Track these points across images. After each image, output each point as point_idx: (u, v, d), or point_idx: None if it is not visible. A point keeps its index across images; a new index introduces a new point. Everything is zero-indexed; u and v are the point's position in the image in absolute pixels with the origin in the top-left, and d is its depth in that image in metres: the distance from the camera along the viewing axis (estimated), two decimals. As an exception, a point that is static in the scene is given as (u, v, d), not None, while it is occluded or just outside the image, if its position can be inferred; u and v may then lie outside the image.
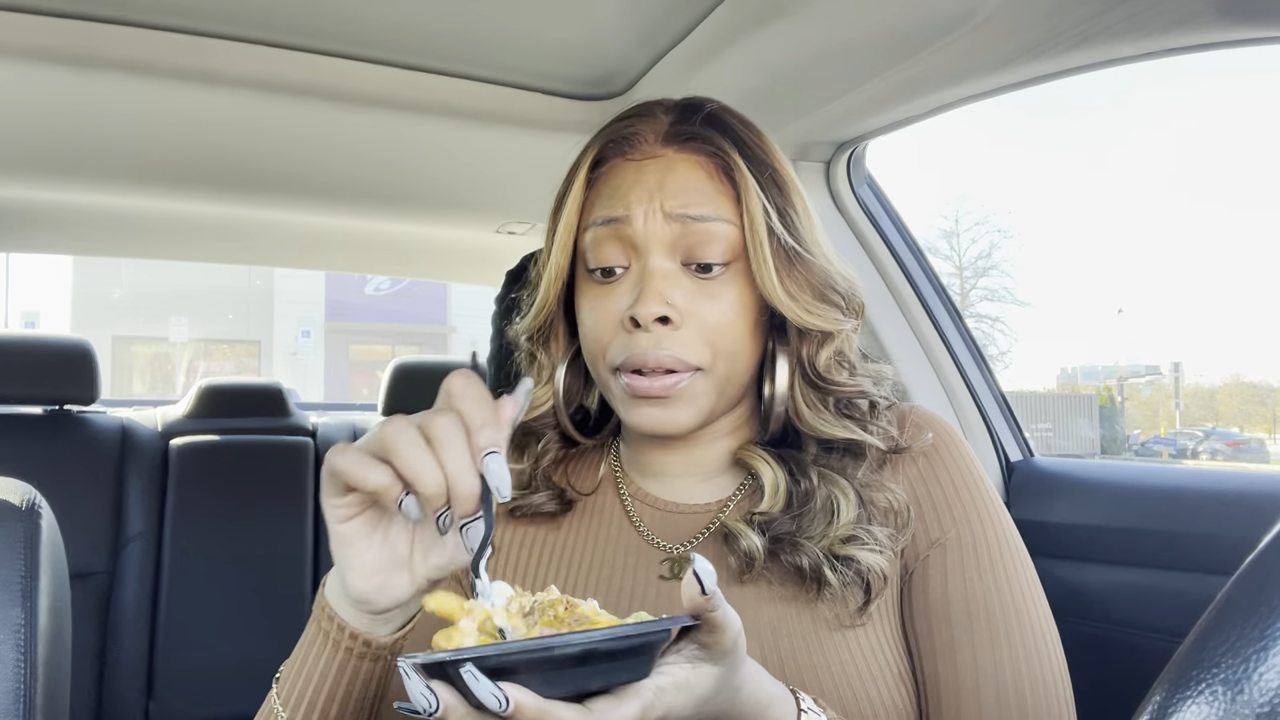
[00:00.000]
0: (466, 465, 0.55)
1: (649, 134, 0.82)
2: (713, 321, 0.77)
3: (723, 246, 0.77)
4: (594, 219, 0.80)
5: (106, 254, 2.55)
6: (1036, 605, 0.78)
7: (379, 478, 0.56)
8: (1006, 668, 0.73)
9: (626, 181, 0.80)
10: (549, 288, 0.84)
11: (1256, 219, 36.06)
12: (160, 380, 19.24)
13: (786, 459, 0.81)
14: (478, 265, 2.49)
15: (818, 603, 0.76)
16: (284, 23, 1.22)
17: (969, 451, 0.85)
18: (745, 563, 0.76)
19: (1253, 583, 0.31)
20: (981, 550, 0.78)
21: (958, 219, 26.49)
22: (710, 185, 0.79)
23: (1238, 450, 18.86)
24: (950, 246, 22.89)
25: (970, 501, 0.81)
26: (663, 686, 0.53)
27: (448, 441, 0.56)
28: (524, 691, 0.49)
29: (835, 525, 0.75)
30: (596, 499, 0.88)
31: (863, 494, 0.78)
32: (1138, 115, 36.20)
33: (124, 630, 2.11)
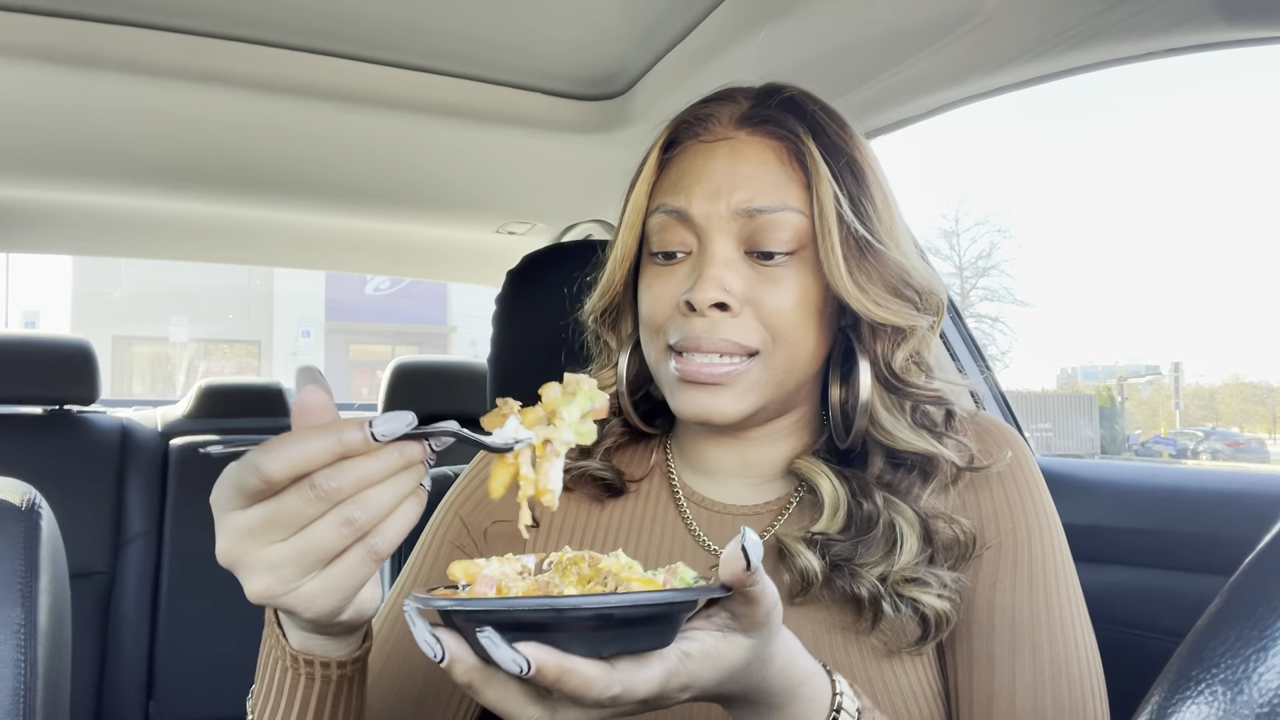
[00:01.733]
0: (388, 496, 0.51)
1: (723, 116, 0.79)
2: (771, 307, 0.74)
3: (788, 235, 0.74)
4: (660, 205, 0.79)
5: (106, 254, 2.55)
6: (1077, 620, 0.75)
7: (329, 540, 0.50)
8: (1044, 681, 0.71)
9: (695, 166, 0.78)
10: (615, 268, 0.82)
11: (1257, 219, 36.09)
12: (160, 380, 19.24)
13: (850, 477, 0.77)
14: (478, 265, 2.49)
15: (871, 633, 0.73)
16: (284, 23, 1.22)
17: (1026, 456, 0.81)
18: (800, 583, 0.74)
19: (1252, 583, 0.31)
20: (1024, 561, 0.76)
21: (958, 219, 26.51)
22: (780, 171, 0.76)
23: (1238, 450, 18.86)
24: (950, 246, 22.90)
25: (1022, 510, 0.78)
26: (689, 653, 0.51)
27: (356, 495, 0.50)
28: (546, 650, 0.46)
29: (897, 557, 0.72)
30: (647, 488, 0.86)
31: (929, 524, 0.74)
32: (1138, 115, 36.23)
33: (124, 630, 2.11)
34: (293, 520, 0.49)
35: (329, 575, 0.50)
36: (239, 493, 0.50)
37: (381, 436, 0.49)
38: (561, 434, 0.55)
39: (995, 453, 0.80)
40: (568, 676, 0.46)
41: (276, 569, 0.50)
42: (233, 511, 0.50)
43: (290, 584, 0.50)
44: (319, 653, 0.59)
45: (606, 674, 0.47)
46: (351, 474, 0.49)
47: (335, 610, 0.52)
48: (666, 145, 0.81)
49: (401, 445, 0.50)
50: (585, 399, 0.56)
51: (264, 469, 0.48)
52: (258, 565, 0.50)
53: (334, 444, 0.48)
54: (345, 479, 0.49)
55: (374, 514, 0.50)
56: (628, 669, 0.48)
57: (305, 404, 0.51)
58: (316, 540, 0.49)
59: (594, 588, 0.52)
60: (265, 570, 0.50)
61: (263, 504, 0.49)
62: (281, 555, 0.49)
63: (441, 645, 0.48)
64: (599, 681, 0.47)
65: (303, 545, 0.49)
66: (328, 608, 0.51)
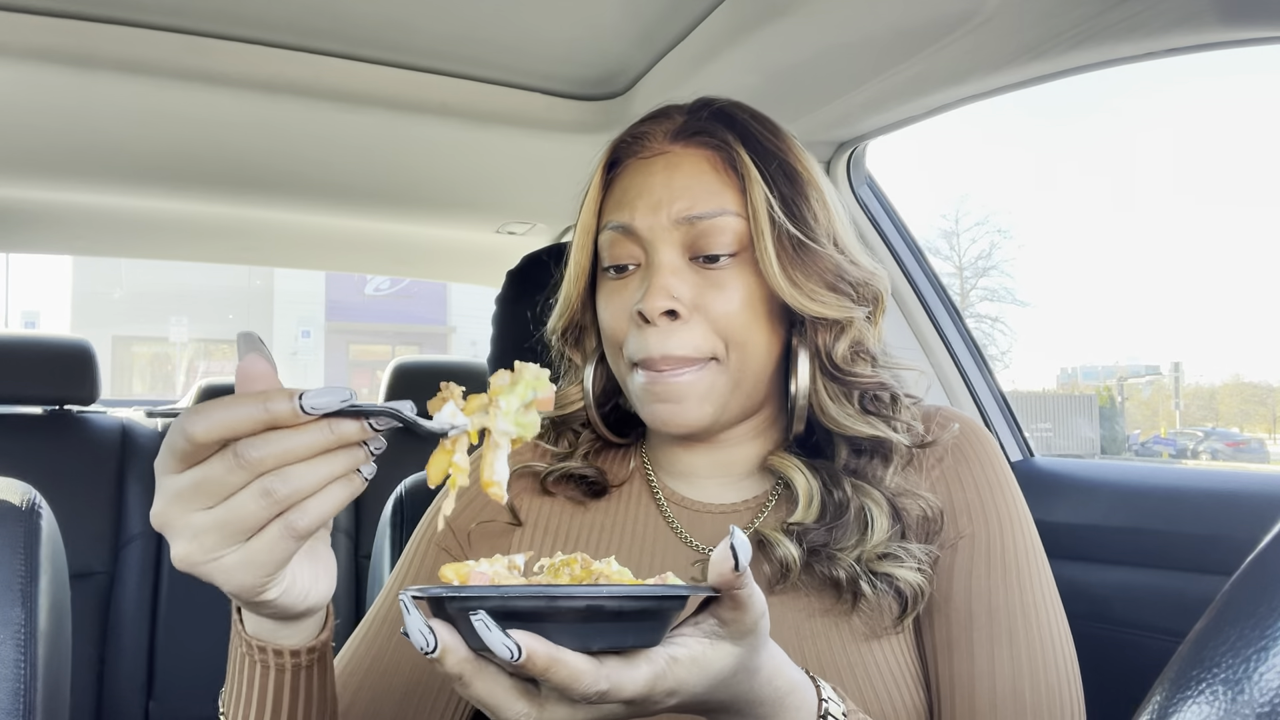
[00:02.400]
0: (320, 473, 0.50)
1: (658, 132, 0.83)
2: (720, 311, 0.77)
3: (729, 238, 0.78)
4: (607, 222, 0.82)
5: (106, 254, 2.55)
6: (1049, 608, 0.77)
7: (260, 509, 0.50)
8: (1022, 668, 0.73)
9: (635, 183, 0.81)
10: (571, 287, 0.85)
11: (1257, 219, 36.09)
12: (160, 380, 19.24)
13: (820, 469, 0.80)
14: (478, 265, 2.49)
15: (852, 614, 0.76)
16: (284, 23, 1.22)
17: (994, 448, 0.84)
18: (780, 572, 0.76)
19: (1253, 583, 0.31)
20: (995, 550, 0.78)
21: (958, 219, 26.50)
22: (715, 179, 0.79)
23: (1238, 450, 18.85)
24: (950, 246, 22.88)
25: (991, 500, 0.80)
26: (676, 658, 0.51)
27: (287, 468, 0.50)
28: (537, 639, 0.46)
29: (869, 538, 0.75)
30: (627, 491, 0.88)
31: (896, 503, 0.77)
32: (1137, 115, 36.22)
33: (124, 630, 2.11)
34: (217, 488, 0.49)
35: (248, 549, 0.50)
36: (172, 455, 0.50)
37: (311, 410, 0.48)
38: (498, 423, 0.54)
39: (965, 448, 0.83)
40: (556, 667, 0.46)
41: (199, 536, 0.50)
42: (168, 475, 0.51)
43: (211, 553, 0.50)
44: (271, 640, 0.59)
45: (595, 669, 0.47)
46: (275, 445, 0.48)
47: (255, 586, 0.51)
48: (609, 166, 0.85)
49: (334, 421, 0.49)
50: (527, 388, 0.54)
51: (188, 429, 0.48)
52: (184, 530, 0.50)
53: (260, 412, 0.48)
54: (268, 449, 0.48)
55: (295, 489, 0.49)
56: (616, 667, 0.48)
57: (246, 371, 0.51)
58: (237, 510, 0.49)
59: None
60: (190, 536, 0.50)
61: (193, 469, 0.49)
62: (204, 522, 0.49)
63: (435, 635, 0.47)
64: (587, 675, 0.47)
65: (224, 514, 0.49)
66: (247, 582, 0.51)
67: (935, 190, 38.28)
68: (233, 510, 0.49)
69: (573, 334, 0.88)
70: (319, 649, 0.61)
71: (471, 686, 0.49)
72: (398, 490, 1.46)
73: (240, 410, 0.48)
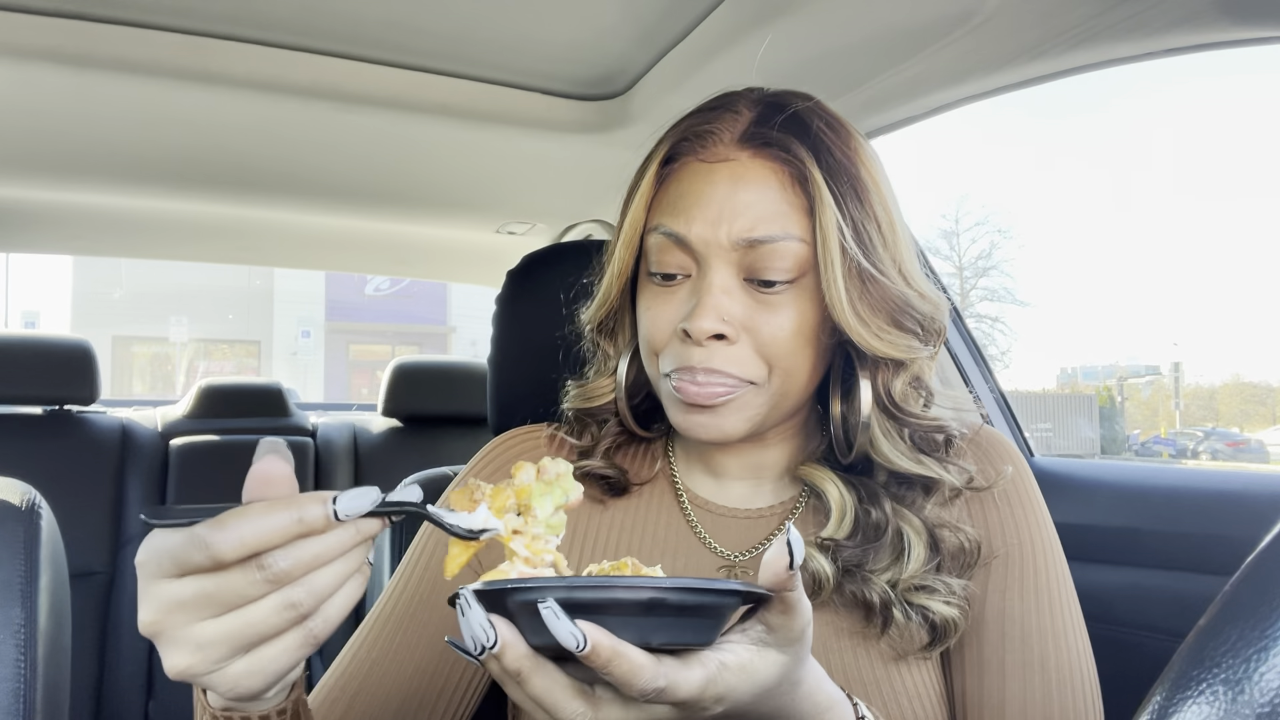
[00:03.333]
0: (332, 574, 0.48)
1: (725, 133, 0.77)
2: (768, 336, 0.73)
3: (790, 264, 0.73)
4: (658, 225, 0.77)
5: (106, 254, 2.55)
6: (1075, 631, 0.76)
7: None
8: (1051, 695, 0.73)
9: (695, 189, 0.75)
10: (612, 283, 0.82)
11: (1257, 219, 36.07)
12: (160, 380, 19.23)
13: (856, 484, 0.78)
14: (478, 265, 2.49)
15: (880, 638, 0.74)
16: (284, 23, 1.22)
17: (1024, 467, 0.82)
18: (812, 587, 0.74)
19: (1253, 583, 0.31)
20: (1029, 572, 0.77)
21: (958, 219, 26.52)
22: (782, 198, 0.74)
23: (1238, 450, 18.85)
24: (950, 246, 22.90)
25: (1025, 519, 0.79)
26: (725, 663, 0.50)
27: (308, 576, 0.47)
28: (601, 631, 0.45)
29: (904, 565, 0.73)
30: (651, 489, 0.86)
31: (935, 533, 0.75)
32: (1137, 114, 36.21)
33: (124, 630, 2.11)
34: (231, 599, 0.45)
35: (259, 656, 0.47)
36: (175, 564, 0.45)
37: (345, 517, 0.46)
38: (532, 529, 0.52)
39: (996, 469, 0.81)
40: (619, 660, 0.45)
41: (204, 648, 0.46)
42: (163, 580, 0.46)
43: (216, 664, 0.46)
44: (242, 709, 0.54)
45: (655, 665, 0.46)
46: (305, 555, 0.46)
47: (260, 691, 0.49)
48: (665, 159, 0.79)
49: (359, 522, 0.47)
50: (561, 494, 0.53)
51: (215, 547, 0.44)
52: (184, 642, 0.46)
53: (294, 524, 0.45)
54: (297, 559, 0.45)
55: (319, 597, 0.47)
56: (673, 666, 0.48)
57: (265, 474, 0.47)
58: (253, 621, 0.46)
59: None
60: (192, 648, 0.46)
61: (199, 577, 0.45)
62: (212, 634, 0.46)
63: (495, 630, 0.46)
64: (646, 670, 0.46)
65: (238, 625, 0.46)
66: (252, 689, 0.48)
67: (935, 190, 38.26)
68: (249, 622, 0.46)
69: (608, 326, 0.85)
70: (290, 708, 0.56)
71: (528, 684, 0.47)
72: (398, 490, 1.45)
73: (273, 523, 0.45)
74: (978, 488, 0.79)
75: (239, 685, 0.47)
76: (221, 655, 0.46)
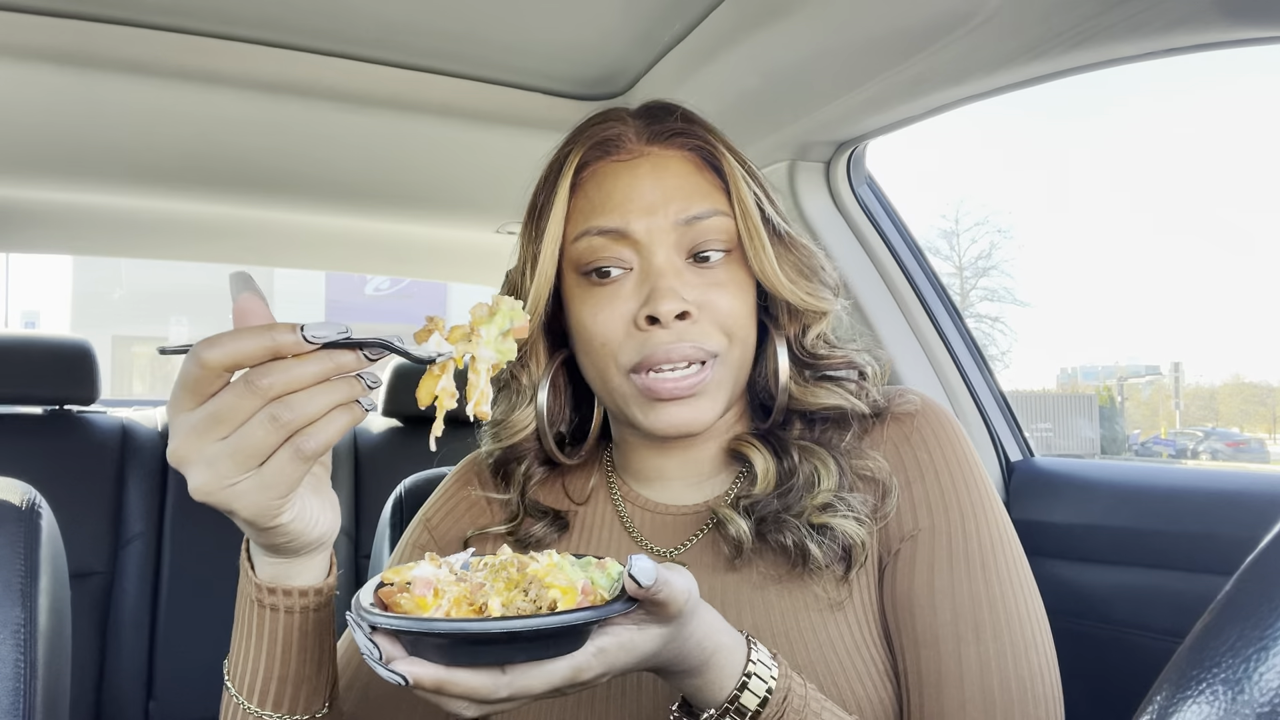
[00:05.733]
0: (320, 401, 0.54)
1: (630, 134, 0.82)
2: (724, 309, 0.78)
3: (723, 238, 0.79)
4: (589, 228, 0.79)
5: (106, 254, 2.55)
6: (1021, 600, 0.75)
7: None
8: (990, 665, 0.72)
9: (620, 186, 0.80)
10: (537, 302, 0.81)
11: (1257, 219, 36.06)
12: (160, 380, 19.22)
13: (772, 441, 0.82)
14: (478, 265, 2.48)
15: (806, 580, 0.76)
16: (284, 23, 1.22)
17: (959, 436, 0.82)
18: (735, 548, 0.77)
19: (1253, 583, 0.31)
20: (958, 543, 0.76)
21: (958, 219, 26.52)
22: (702, 179, 0.81)
23: (1238, 450, 18.84)
24: (950, 246, 22.88)
25: (953, 489, 0.78)
26: (604, 648, 0.55)
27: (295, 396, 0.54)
28: (423, 665, 0.51)
29: (815, 494, 0.76)
30: (590, 509, 0.88)
31: (842, 461, 0.79)
32: (1138, 115, 36.19)
33: (124, 630, 2.11)
34: (229, 416, 0.53)
35: (262, 474, 0.54)
36: (185, 389, 0.53)
37: (313, 339, 0.53)
38: (480, 350, 0.59)
39: (925, 433, 0.82)
40: (449, 685, 0.51)
41: (214, 464, 0.53)
42: (182, 412, 0.54)
43: (226, 479, 0.54)
44: (283, 581, 0.63)
45: (493, 680, 0.51)
46: (281, 373, 0.52)
47: (270, 509, 0.56)
48: (577, 169, 0.83)
49: (333, 352, 0.54)
50: (505, 318, 0.59)
51: (203, 356, 0.52)
52: (199, 460, 0.53)
53: (267, 341, 0.52)
54: (276, 377, 0.52)
55: (301, 414, 0.53)
56: (522, 672, 0.52)
57: (243, 308, 0.56)
58: (248, 437, 0.53)
59: (516, 595, 0.54)
60: (205, 465, 0.53)
61: (206, 403, 0.53)
62: (219, 451, 0.53)
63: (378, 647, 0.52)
64: (484, 687, 0.51)
65: (237, 441, 0.53)
66: (261, 504, 0.55)
67: (935, 190, 38.26)
68: (244, 437, 0.53)
69: (520, 356, 0.84)
70: (325, 592, 0.64)
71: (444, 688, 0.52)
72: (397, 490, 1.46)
73: (249, 340, 0.52)
74: (881, 409, 0.82)
75: (249, 501, 0.55)
76: (229, 471, 0.53)
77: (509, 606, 0.53)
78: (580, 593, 0.54)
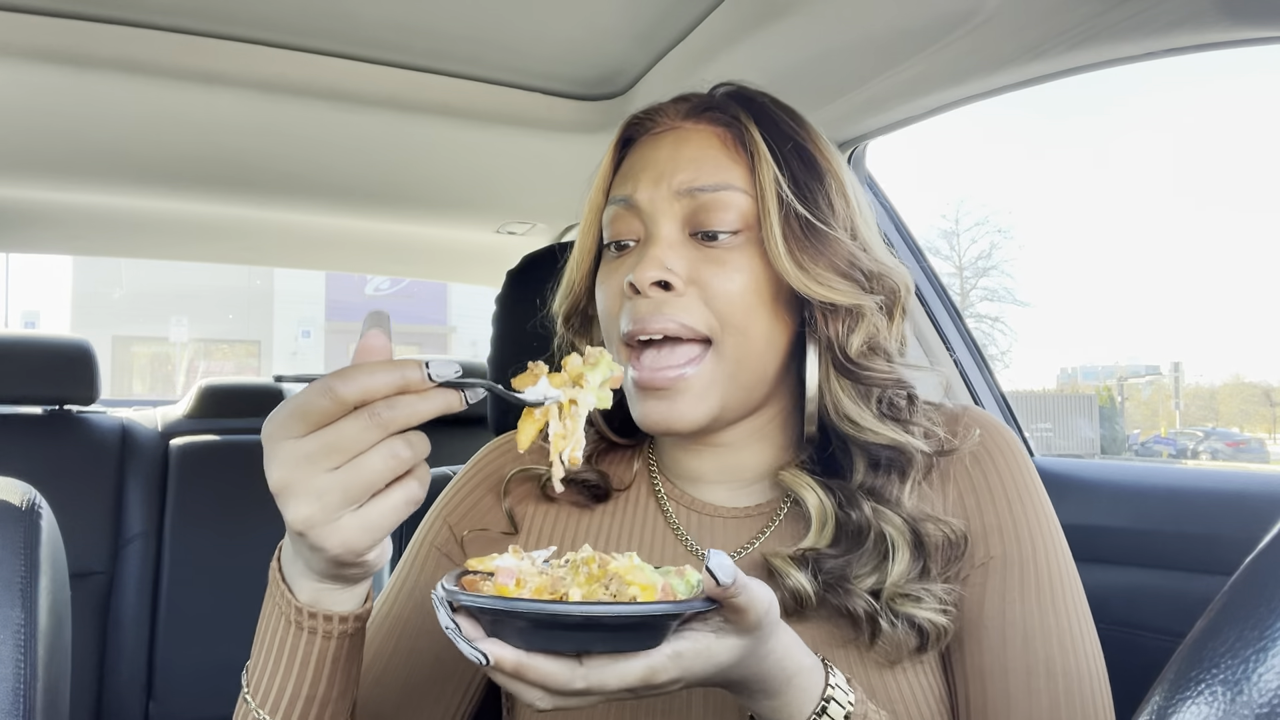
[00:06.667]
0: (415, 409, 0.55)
1: (671, 110, 0.82)
2: (719, 289, 0.74)
3: (733, 216, 0.75)
4: (611, 198, 0.81)
5: (106, 254, 2.55)
6: (1084, 633, 0.73)
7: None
8: (1059, 699, 0.70)
9: (643, 158, 0.80)
10: (575, 267, 0.84)
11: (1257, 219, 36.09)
12: (160, 380, 19.23)
13: (834, 489, 0.76)
14: (478, 265, 2.48)
15: (870, 648, 0.73)
16: (284, 23, 1.22)
17: (1023, 459, 0.80)
18: (793, 601, 0.72)
19: (1252, 583, 0.31)
20: (1029, 571, 0.74)
21: (958, 219, 26.50)
22: (724, 154, 0.77)
23: (1238, 450, 18.83)
24: (950, 246, 22.86)
25: (1023, 514, 0.76)
26: (680, 652, 0.53)
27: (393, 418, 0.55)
28: (503, 646, 0.51)
29: (890, 568, 0.71)
30: (633, 494, 0.86)
31: (918, 529, 0.73)
32: (1138, 115, 36.21)
33: (124, 630, 2.11)
34: (348, 447, 0.52)
35: (368, 511, 0.54)
36: (301, 418, 0.52)
37: (435, 378, 0.53)
38: (585, 396, 0.62)
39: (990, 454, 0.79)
40: (526, 670, 0.50)
41: (323, 495, 0.52)
42: (289, 440, 0.53)
43: (332, 513, 0.53)
44: (324, 606, 0.61)
45: (569, 670, 0.51)
46: (406, 408, 0.53)
47: (364, 548, 0.55)
48: (622, 144, 0.84)
49: (445, 391, 0.54)
50: (606, 368, 0.63)
51: (338, 389, 0.52)
52: (307, 491, 0.52)
53: (398, 378, 0.53)
54: (400, 411, 0.52)
55: (417, 453, 0.54)
56: (598, 665, 0.51)
57: (369, 345, 0.56)
58: (365, 468, 0.52)
59: (596, 589, 0.54)
60: (313, 497, 0.52)
61: (321, 431, 0.52)
62: (330, 482, 0.52)
63: (457, 624, 0.52)
64: (560, 675, 0.51)
65: (352, 473, 0.52)
66: (359, 544, 0.54)
67: (935, 190, 38.30)
68: (360, 470, 0.52)
69: (577, 319, 0.86)
70: (363, 617, 0.63)
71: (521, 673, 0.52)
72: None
73: (382, 375, 0.52)
74: (947, 451, 0.77)
75: (348, 540, 0.54)
76: (337, 503, 0.52)
77: (589, 598, 0.54)
78: (661, 591, 0.54)
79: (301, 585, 0.60)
